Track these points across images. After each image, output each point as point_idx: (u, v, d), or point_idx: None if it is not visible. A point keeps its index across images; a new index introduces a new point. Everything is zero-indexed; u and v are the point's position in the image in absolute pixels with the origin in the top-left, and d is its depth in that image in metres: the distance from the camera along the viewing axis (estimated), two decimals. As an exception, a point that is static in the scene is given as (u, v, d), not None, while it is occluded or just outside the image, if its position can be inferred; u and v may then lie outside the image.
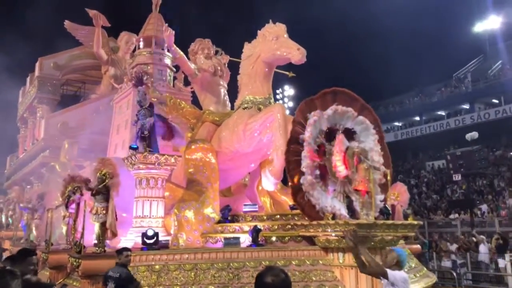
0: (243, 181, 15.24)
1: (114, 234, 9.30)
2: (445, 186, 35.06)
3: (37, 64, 25.44)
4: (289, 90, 41.29)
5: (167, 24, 13.05)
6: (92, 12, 21.09)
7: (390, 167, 10.79)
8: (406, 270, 10.93)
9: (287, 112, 12.94)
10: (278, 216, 11.01)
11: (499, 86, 40.07)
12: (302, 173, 9.84)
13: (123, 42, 22.76)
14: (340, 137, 10.10)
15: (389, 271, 6.12)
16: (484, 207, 28.05)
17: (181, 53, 13.46)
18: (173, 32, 12.88)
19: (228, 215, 10.96)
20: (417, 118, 47.03)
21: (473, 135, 33.44)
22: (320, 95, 10.30)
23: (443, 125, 42.74)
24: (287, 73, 14.62)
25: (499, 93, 40.70)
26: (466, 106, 43.37)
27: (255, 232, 9.77)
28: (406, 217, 14.16)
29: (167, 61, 18.40)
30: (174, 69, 18.67)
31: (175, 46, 13.25)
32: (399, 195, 14.09)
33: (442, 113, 45.64)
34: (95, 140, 19.54)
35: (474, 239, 18.19)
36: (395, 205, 13.39)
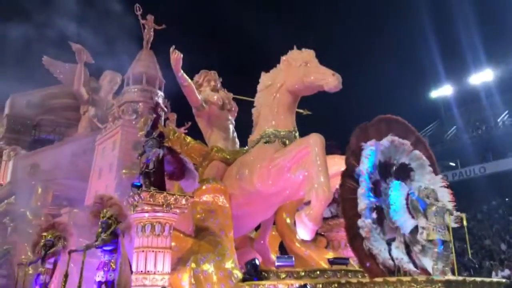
0: (247, 233, 12.46)
1: None
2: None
3: (8, 101, 21.78)
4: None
5: (174, 46, 10.56)
6: (76, 46, 18.43)
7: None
8: None
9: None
10: (318, 273, 8.30)
11: (455, 150, 40.00)
12: (358, 216, 7.42)
13: (106, 81, 19.87)
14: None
15: None
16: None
17: (190, 80, 11.00)
18: (181, 55, 10.43)
19: (257, 272, 8.09)
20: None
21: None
22: (375, 122, 8.17)
23: (405, 190, 41.92)
24: (301, 111, 12.44)
25: (455, 156, 40.56)
26: (426, 169, 42.99)
27: (307, 293, 7.01)
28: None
29: (159, 99, 15.86)
30: (165, 109, 16.12)
31: (182, 71, 10.75)
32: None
33: (404, 176, 45.06)
34: (71, 185, 16.16)
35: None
36: None
